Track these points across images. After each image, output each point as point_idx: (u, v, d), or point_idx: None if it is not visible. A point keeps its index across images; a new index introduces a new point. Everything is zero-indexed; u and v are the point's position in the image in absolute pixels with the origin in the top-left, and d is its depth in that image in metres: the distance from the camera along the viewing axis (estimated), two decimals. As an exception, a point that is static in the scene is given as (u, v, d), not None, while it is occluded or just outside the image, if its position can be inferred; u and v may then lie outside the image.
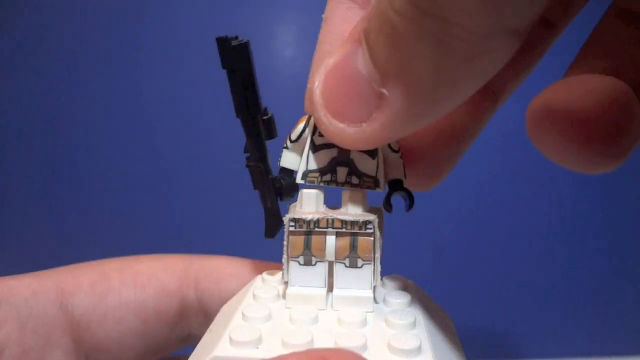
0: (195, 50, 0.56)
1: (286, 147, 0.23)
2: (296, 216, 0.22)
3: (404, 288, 0.25)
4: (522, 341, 0.60)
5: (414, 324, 0.21)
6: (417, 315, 0.22)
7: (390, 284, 0.25)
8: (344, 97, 0.17)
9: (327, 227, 0.22)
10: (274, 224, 0.24)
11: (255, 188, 0.23)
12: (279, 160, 0.23)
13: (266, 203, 0.24)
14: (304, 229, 0.22)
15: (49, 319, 0.24)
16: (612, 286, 0.60)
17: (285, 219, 0.22)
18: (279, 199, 0.24)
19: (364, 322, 0.21)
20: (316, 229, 0.22)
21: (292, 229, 0.22)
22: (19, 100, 0.58)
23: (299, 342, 0.19)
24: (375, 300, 0.23)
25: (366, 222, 0.21)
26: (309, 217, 0.22)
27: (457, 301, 0.56)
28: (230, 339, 0.19)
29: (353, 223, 0.22)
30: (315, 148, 0.22)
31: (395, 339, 0.19)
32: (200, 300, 0.28)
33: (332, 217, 0.22)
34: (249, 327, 0.20)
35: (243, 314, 0.21)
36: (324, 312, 0.22)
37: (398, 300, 0.23)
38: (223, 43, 0.21)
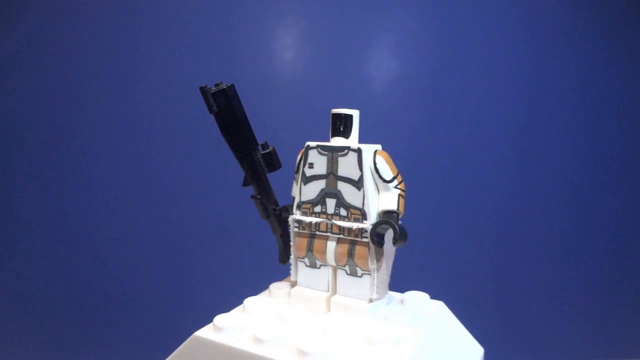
0: (196, 52, 0.56)
1: (295, 178, 0.24)
2: (299, 217, 0.23)
3: (420, 306, 0.23)
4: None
5: (397, 343, 0.19)
6: (409, 334, 0.20)
7: (408, 299, 0.23)
8: None
9: (326, 231, 0.22)
10: (285, 251, 0.24)
11: (263, 218, 0.24)
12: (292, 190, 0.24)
13: (275, 232, 0.24)
14: (307, 231, 0.22)
15: None
16: (616, 291, 0.59)
17: (290, 219, 0.23)
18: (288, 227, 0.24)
19: (351, 332, 0.20)
20: (317, 232, 0.22)
21: (296, 230, 0.23)
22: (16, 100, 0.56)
23: (266, 338, 0.19)
24: (377, 311, 0.22)
25: (362, 230, 0.21)
26: (308, 219, 0.22)
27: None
28: (214, 324, 0.21)
29: (350, 230, 0.21)
30: (306, 180, 0.22)
31: (370, 354, 0.18)
32: None
33: (331, 222, 0.22)
34: (238, 317, 0.21)
35: (244, 305, 0.23)
36: (319, 315, 0.22)
37: (399, 316, 0.21)
38: (205, 91, 0.22)
